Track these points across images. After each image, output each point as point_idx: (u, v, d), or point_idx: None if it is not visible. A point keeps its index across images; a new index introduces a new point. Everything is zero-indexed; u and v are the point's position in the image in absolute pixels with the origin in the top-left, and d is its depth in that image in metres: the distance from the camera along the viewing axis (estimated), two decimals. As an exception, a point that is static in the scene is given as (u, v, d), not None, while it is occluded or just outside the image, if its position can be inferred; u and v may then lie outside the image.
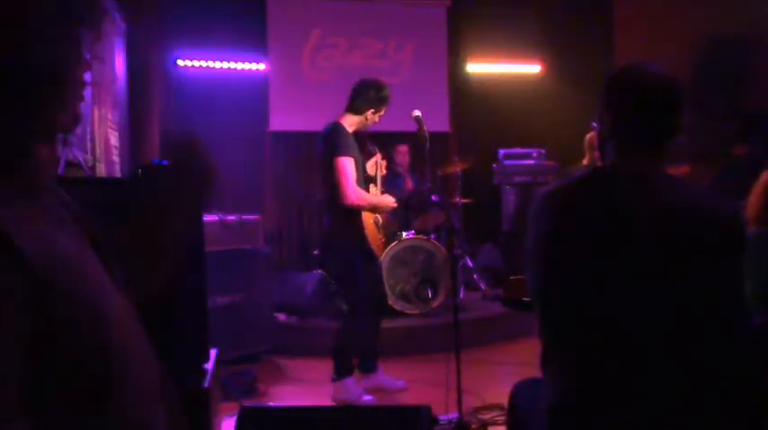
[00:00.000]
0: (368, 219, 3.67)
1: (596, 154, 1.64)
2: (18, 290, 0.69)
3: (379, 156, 4.06)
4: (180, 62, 6.59)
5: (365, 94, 3.63)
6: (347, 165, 3.47)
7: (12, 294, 0.69)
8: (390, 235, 4.96)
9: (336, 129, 3.57)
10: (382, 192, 3.95)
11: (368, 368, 3.81)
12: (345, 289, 3.72)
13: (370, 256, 3.64)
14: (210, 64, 6.69)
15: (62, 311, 0.72)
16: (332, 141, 3.53)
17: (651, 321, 1.38)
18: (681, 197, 1.44)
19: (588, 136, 4.50)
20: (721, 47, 6.23)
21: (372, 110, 3.64)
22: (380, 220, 3.87)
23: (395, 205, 3.78)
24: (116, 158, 5.34)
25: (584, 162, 4.59)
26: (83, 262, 0.81)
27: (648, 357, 1.38)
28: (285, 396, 3.88)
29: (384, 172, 4.06)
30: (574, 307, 1.44)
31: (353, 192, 3.49)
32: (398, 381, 3.87)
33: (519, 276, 2.45)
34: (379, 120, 3.72)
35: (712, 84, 5.87)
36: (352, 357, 3.67)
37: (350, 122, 3.63)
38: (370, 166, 3.97)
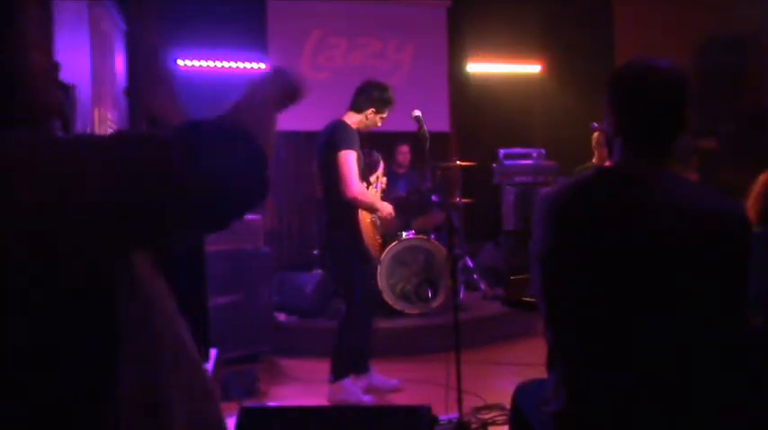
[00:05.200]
0: (365, 218, 3.66)
1: (605, 152, 1.63)
2: None
3: (381, 170, 4.05)
4: (180, 62, 6.58)
5: (368, 93, 3.64)
6: (350, 158, 3.48)
7: None
8: (390, 235, 4.96)
9: (339, 125, 3.59)
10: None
11: (360, 369, 3.79)
12: (342, 288, 3.71)
13: (365, 256, 3.63)
14: (210, 64, 6.68)
15: None
16: (334, 137, 3.53)
17: (656, 322, 1.37)
18: (687, 197, 1.42)
19: (595, 134, 4.48)
20: (721, 47, 6.22)
21: (374, 109, 3.64)
22: (378, 221, 3.86)
23: (392, 214, 3.74)
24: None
25: (594, 161, 4.57)
26: None
27: (653, 358, 1.37)
28: (285, 396, 3.88)
29: (383, 187, 4.06)
30: (578, 308, 1.44)
31: (356, 185, 3.49)
32: (391, 380, 3.86)
33: (519, 276, 2.45)
34: (381, 122, 3.72)
35: (712, 84, 5.86)
36: (350, 358, 3.66)
37: (352, 120, 3.64)
38: (373, 179, 3.98)
